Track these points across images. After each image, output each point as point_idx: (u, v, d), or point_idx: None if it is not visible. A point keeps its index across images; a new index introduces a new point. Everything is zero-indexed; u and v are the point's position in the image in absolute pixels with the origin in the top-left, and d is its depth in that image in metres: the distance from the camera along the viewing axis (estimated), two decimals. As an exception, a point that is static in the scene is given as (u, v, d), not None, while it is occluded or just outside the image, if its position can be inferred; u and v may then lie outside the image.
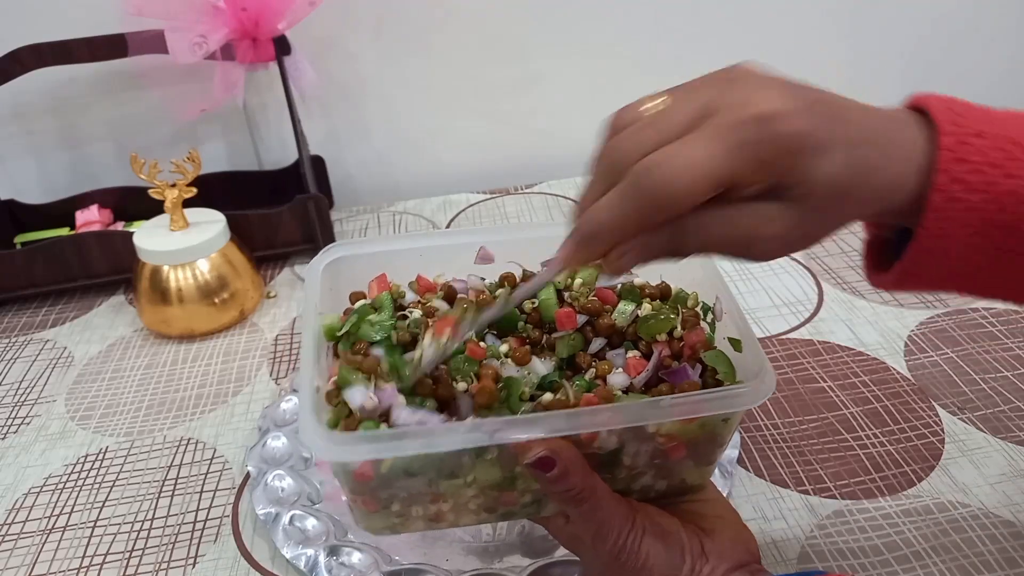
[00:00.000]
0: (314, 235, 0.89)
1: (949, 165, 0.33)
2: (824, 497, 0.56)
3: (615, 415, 0.39)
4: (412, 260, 0.52)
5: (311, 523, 0.54)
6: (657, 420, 0.39)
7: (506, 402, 0.42)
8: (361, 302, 0.50)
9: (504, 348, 0.46)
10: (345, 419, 0.42)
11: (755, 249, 0.34)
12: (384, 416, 0.41)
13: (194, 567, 0.54)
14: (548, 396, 0.43)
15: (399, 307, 0.49)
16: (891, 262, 0.38)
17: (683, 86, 0.34)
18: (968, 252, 0.35)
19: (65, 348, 0.80)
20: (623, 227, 0.32)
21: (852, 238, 0.87)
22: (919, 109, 0.36)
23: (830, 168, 0.32)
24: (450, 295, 0.50)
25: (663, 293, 0.50)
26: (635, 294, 0.49)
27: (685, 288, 0.51)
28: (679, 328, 0.46)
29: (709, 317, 0.49)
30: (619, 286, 0.49)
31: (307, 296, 0.48)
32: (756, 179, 0.32)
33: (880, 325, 0.73)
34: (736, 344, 0.45)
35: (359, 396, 0.41)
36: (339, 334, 0.47)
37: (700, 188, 0.31)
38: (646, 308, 0.48)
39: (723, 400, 0.39)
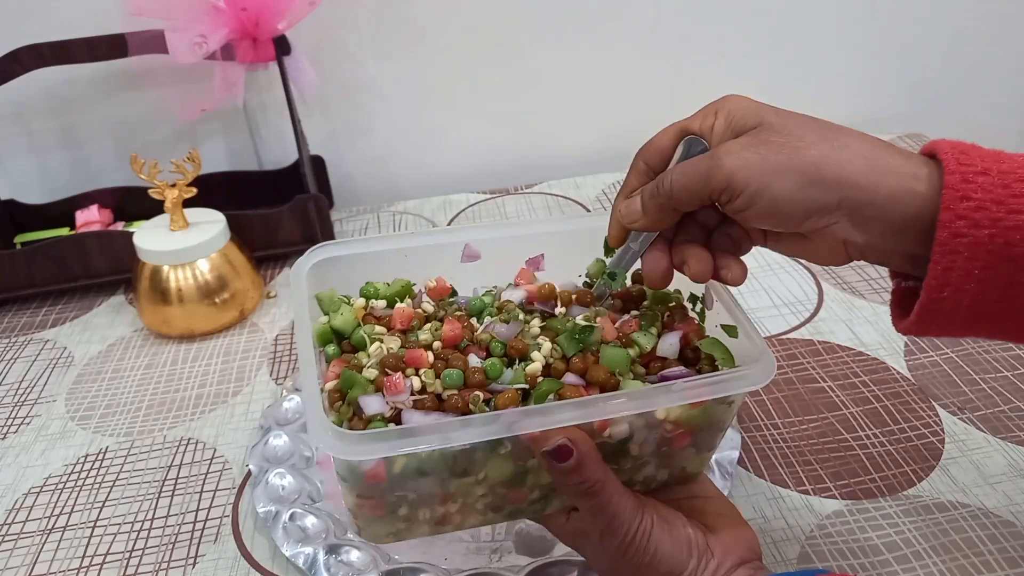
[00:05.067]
0: (314, 235, 0.88)
1: (952, 203, 0.35)
2: (824, 497, 0.56)
3: (628, 401, 0.39)
4: (397, 260, 0.51)
5: (311, 521, 0.54)
6: (668, 404, 0.40)
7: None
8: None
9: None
10: (349, 421, 0.42)
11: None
12: (392, 420, 0.41)
13: (194, 567, 0.54)
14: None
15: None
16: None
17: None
18: (982, 288, 0.35)
19: (65, 348, 0.80)
20: (647, 211, 0.42)
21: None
22: (931, 155, 0.37)
23: (837, 230, 0.37)
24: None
25: (639, 295, 0.50)
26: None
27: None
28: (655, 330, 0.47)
29: (698, 306, 0.49)
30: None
31: (295, 300, 0.47)
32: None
33: (880, 325, 0.73)
34: (731, 330, 0.46)
35: (376, 405, 0.41)
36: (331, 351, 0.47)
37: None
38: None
39: (731, 382, 0.40)
